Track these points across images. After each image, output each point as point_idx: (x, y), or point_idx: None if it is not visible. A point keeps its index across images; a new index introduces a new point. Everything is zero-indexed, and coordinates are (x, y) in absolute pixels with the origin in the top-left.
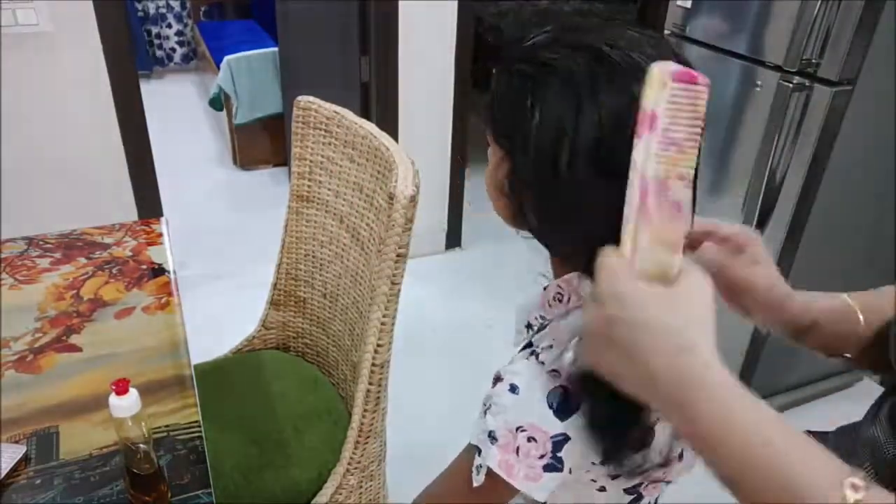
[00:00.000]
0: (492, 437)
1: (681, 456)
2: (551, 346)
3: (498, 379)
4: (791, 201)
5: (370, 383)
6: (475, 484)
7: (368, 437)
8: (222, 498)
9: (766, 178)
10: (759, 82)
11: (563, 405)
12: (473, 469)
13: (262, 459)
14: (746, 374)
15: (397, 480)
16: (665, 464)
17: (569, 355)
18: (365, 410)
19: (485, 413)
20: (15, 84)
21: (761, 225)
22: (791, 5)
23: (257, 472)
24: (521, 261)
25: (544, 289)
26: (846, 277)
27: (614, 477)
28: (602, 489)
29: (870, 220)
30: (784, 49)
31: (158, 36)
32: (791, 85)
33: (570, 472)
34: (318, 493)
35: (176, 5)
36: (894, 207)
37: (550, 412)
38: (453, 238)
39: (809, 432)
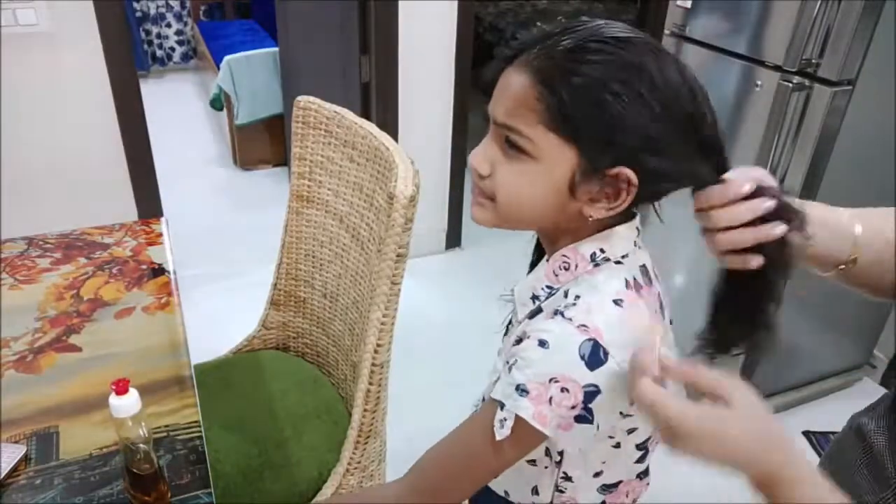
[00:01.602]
0: (521, 390)
1: None
2: (575, 304)
3: (522, 338)
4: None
5: (370, 383)
6: (498, 437)
7: (368, 437)
8: (222, 498)
9: None
10: (759, 82)
11: (592, 357)
12: (496, 423)
13: (262, 459)
14: (746, 374)
15: None
16: None
17: (603, 313)
18: (365, 410)
19: (509, 369)
20: (15, 84)
21: None
22: (791, 5)
23: (257, 472)
24: (521, 261)
25: (547, 260)
26: None
27: (630, 431)
28: (617, 445)
29: None
30: (784, 49)
31: (158, 35)
32: (791, 85)
33: (598, 427)
34: (318, 493)
35: (176, 5)
36: (894, 207)
37: (582, 363)
38: (453, 238)
39: (808, 432)
